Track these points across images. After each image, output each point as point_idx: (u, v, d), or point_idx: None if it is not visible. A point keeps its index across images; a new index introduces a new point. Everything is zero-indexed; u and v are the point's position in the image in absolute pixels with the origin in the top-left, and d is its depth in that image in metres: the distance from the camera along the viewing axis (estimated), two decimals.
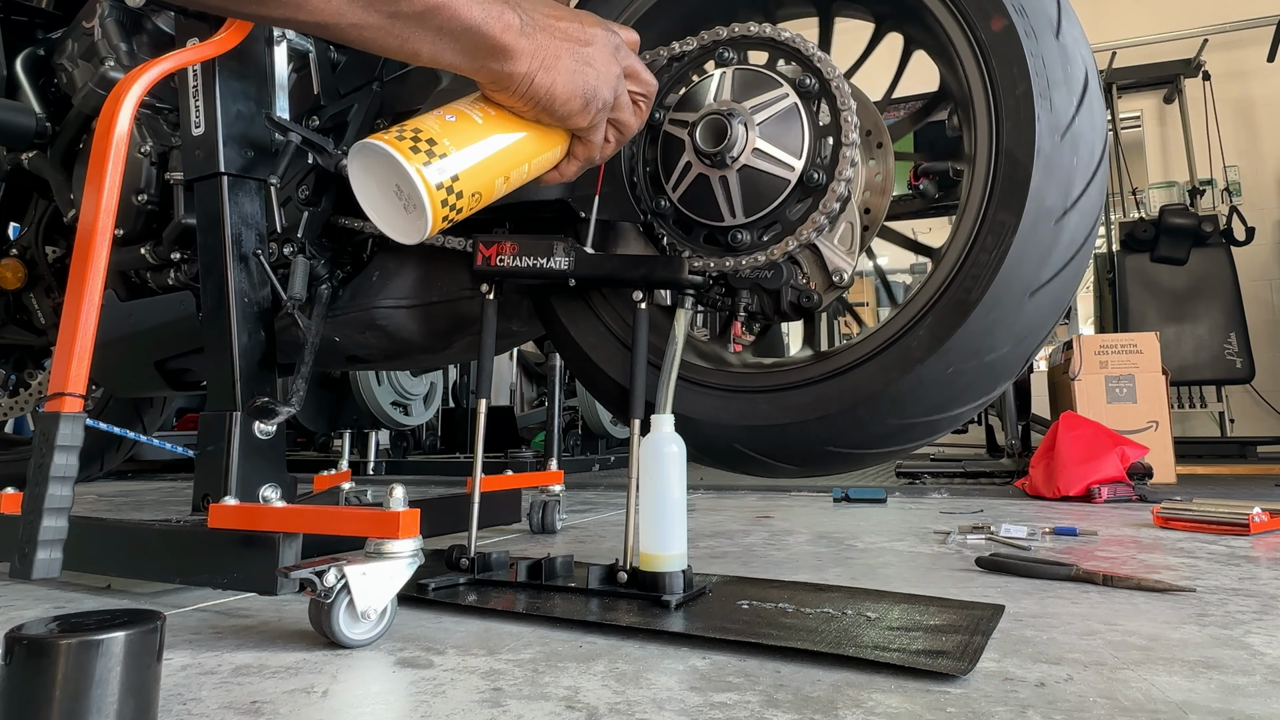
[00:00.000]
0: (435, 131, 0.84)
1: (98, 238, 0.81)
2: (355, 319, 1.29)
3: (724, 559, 1.34)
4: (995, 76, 0.99)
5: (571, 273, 1.08)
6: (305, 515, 0.94)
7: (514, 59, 0.82)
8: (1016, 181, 0.96)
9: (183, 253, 1.40)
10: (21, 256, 1.86)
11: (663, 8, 1.19)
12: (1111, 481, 2.21)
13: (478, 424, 1.11)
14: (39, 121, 1.61)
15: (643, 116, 0.97)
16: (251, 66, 1.19)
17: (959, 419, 1.04)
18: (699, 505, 2.24)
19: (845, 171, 1.01)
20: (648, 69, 0.96)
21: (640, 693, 0.68)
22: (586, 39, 0.87)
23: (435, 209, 0.82)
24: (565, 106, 0.87)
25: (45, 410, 0.78)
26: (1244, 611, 0.95)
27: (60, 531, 0.75)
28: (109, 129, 0.85)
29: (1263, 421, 4.83)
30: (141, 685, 0.56)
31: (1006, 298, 0.96)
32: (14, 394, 2.22)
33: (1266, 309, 5.03)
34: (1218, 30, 5.20)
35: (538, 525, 1.68)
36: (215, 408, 1.12)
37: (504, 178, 0.90)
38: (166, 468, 3.94)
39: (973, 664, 0.73)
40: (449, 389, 4.64)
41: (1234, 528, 1.53)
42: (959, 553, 1.38)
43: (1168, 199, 4.90)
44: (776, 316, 1.10)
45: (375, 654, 0.81)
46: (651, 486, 0.95)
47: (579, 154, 0.95)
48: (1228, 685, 0.69)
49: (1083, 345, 3.08)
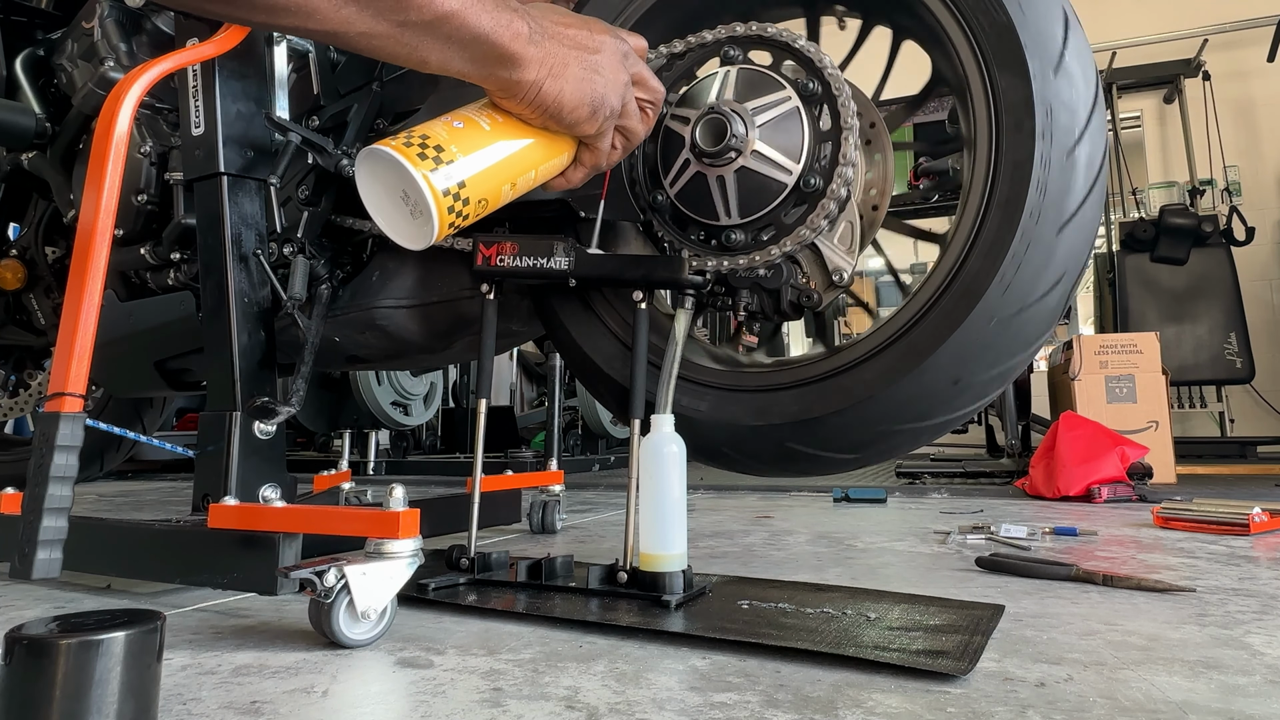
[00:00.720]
0: (443, 138, 0.84)
1: (98, 238, 0.81)
2: (355, 319, 1.29)
3: (724, 559, 1.34)
4: (989, 56, 0.99)
5: (571, 273, 1.08)
6: (305, 515, 0.94)
7: (522, 67, 0.82)
8: (1020, 157, 0.96)
9: (183, 253, 1.40)
10: (21, 257, 1.86)
11: (656, 11, 1.19)
12: (1111, 481, 2.21)
13: (478, 424, 1.11)
14: (39, 122, 1.61)
15: (650, 123, 0.97)
16: (251, 66, 1.19)
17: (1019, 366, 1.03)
18: (699, 505, 2.24)
19: (844, 174, 1.01)
20: (655, 76, 0.96)
21: (640, 693, 0.68)
22: (595, 46, 0.87)
23: (442, 215, 0.82)
24: (573, 114, 0.87)
25: (45, 410, 0.78)
26: (1244, 611, 0.95)
27: (60, 531, 0.75)
28: (109, 129, 0.85)
29: (1263, 421, 4.83)
30: (141, 685, 0.56)
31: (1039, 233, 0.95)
32: (14, 394, 2.22)
33: (1266, 309, 5.02)
34: (1218, 30, 5.20)
35: (538, 525, 1.68)
36: (215, 408, 1.12)
37: (511, 184, 0.90)
38: (166, 468, 3.94)
39: (973, 664, 0.73)
40: (449, 389, 4.64)
41: (1234, 528, 1.53)
42: (959, 553, 1.38)
43: (1168, 199, 4.89)
44: (776, 316, 1.10)
45: (375, 654, 0.81)
46: (651, 486, 0.95)
47: (586, 161, 0.95)
48: (1228, 685, 0.69)
49: (1083, 345, 3.08)
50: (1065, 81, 0.97)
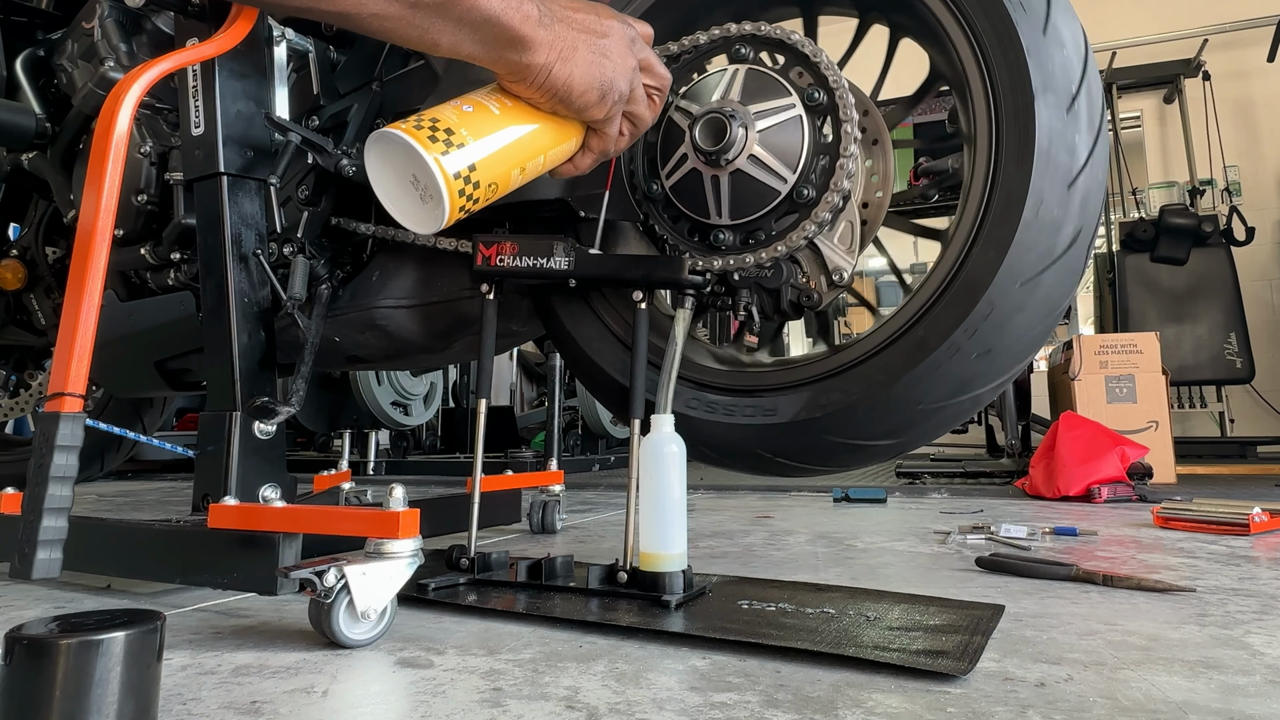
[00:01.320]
0: (453, 121, 0.84)
1: (98, 238, 0.81)
2: (355, 319, 1.29)
3: (724, 559, 1.34)
4: (989, 52, 0.99)
5: (571, 273, 1.08)
6: (305, 515, 0.94)
7: (532, 50, 0.83)
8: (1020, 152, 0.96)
9: (183, 253, 1.40)
10: (22, 257, 1.86)
11: (660, 9, 1.19)
12: (1111, 481, 2.21)
13: (478, 424, 1.11)
14: (39, 122, 1.61)
15: (657, 110, 0.98)
16: (251, 66, 1.19)
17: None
18: (699, 505, 2.24)
19: (839, 186, 1.01)
20: (662, 63, 0.96)
21: (640, 693, 0.68)
22: (604, 31, 0.88)
23: (453, 198, 0.83)
24: (582, 98, 0.87)
25: (45, 410, 0.78)
26: (1244, 611, 0.95)
27: (60, 531, 0.75)
28: (109, 129, 0.85)
29: (1263, 421, 4.83)
30: (141, 685, 0.56)
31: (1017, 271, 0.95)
32: (14, 394, 2.22)
33: (1266, 309, 5.03)
34: (1218, 30, 5.20)
35: (538, 525, 1.68)
36: (215, 408, 1.12)
37: (520, 169, 0.90)
38: (166, 468, 3.94)
39: (973, 664, 0.73)
40: (449, 389, 4.64)
41: (1234, 528, 1.53)
42: (959, 553, 1.38)
43: (1168, 199, 4.90)
44: (776, 316, 1.10)
45: (375, 654, 0.81)
46: (651, 486, 0.95)
47: (594, 146, 0.96)
48: (1228, 685, 0.69)
49: (1083, 345, 3.08)
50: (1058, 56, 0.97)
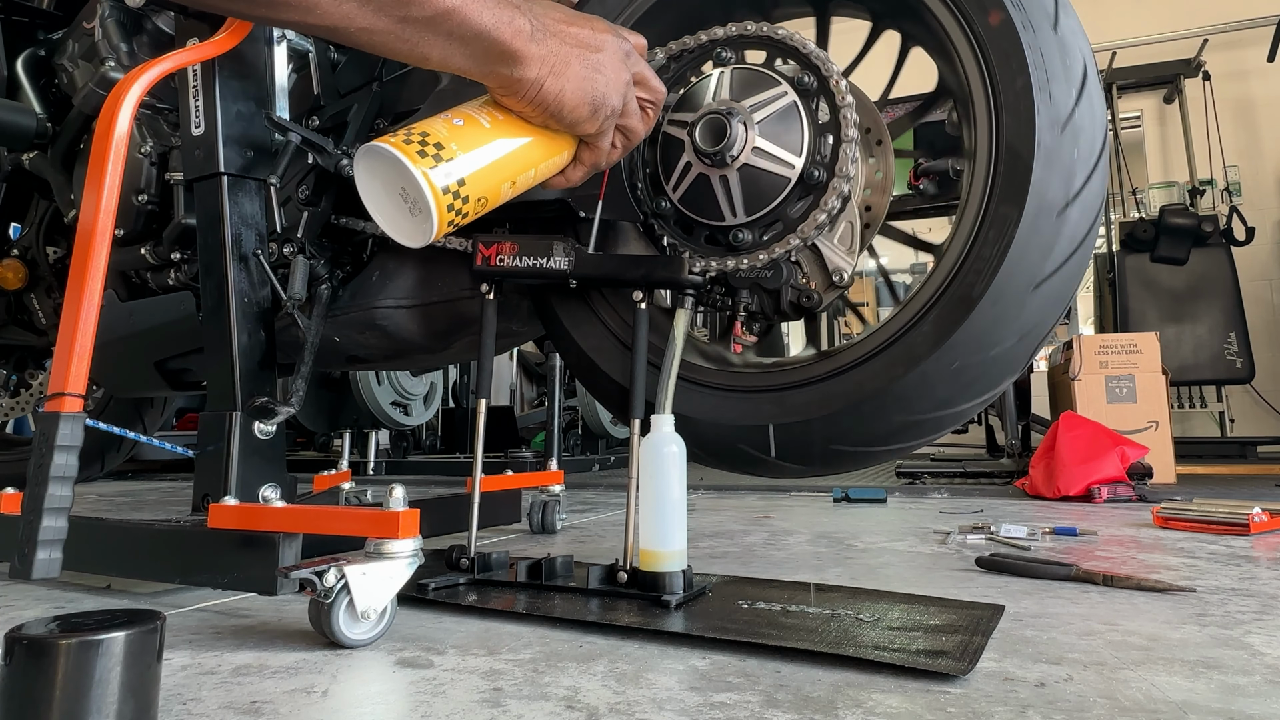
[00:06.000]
0: (442, 135, 0.84)
1: (98, 238, 0.81)
2: (355, 319, 1.29)
3: (724, 559, 1.34)
4: (994, 71, 0.99)
5: (571, 273, 1.08)
6: (305, 515, 0.94)
7: (524, 64, 0.82)
8: (1018, 175, 0.96)
9: (183, 253, 1.40)
10: (22, 257, 1.86)
11: (660, 9, 1.19)
12: (1111, 481, 2.21)
13: (478, 424, 1.11)
14: (39, 122, 1.62)
15: (650, 123, 0.97)
16: (251, 66, 1.19)
17: (966, 414, 1.03)
18: (699, 505, 2.24)
19: (846, 168, 1.01)
20: (656, 76, 0.96)
21: (640, 693, 0.68)
22: (597, 45, 0.87)
23: (441, 213, 0.82)
24: (574, 113, 0.87)
25: (45, 410, 0.78)
26: (1244, 611, 0.95)
27: (60, 531, 0.75)
28: (109, 129, 0.85)
29: (1263, 421, 4.83)
30: (141, 685, 0.56)
31: (1010, 292, 0.95)
32: (14, 394, 2.22)
33: (1266, 309, 5.03)
34: (1218, 30, 5.20)
35: (538, 525, 1.68)
36: (215, 408, 1.12)
37: (510, 182, 0.89)
38: (166, 468, 3.94)
39: (973, 664, 0.73)
40: (449, 389, 4.64)
41: (1234, 528, 1.53)
42: (959, 553, 1.38)
43: (1168, 199, 4.89)
44: (776, 316, 1.10)
45: (375, 654, 0.81)
46: (651, 486, 0.95)
47: (586, 159, 0.95)
48: (1228, 685, 0.69)
49: (1083, 345, 3.08)
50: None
